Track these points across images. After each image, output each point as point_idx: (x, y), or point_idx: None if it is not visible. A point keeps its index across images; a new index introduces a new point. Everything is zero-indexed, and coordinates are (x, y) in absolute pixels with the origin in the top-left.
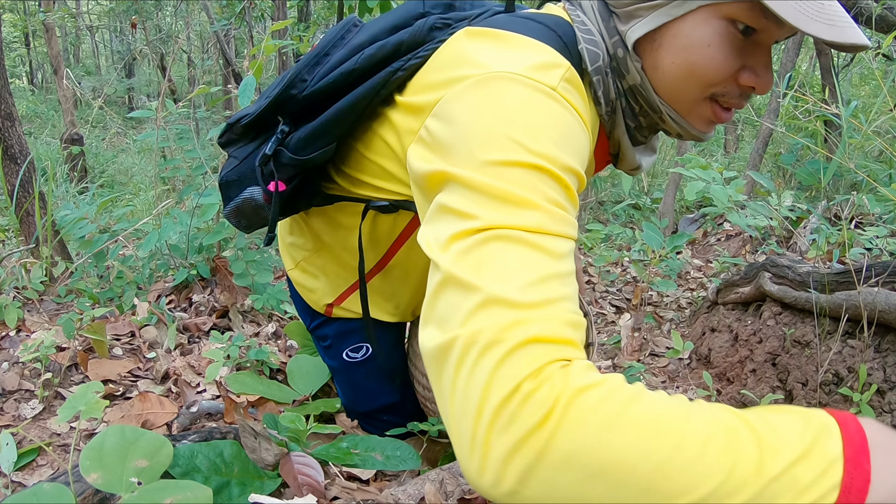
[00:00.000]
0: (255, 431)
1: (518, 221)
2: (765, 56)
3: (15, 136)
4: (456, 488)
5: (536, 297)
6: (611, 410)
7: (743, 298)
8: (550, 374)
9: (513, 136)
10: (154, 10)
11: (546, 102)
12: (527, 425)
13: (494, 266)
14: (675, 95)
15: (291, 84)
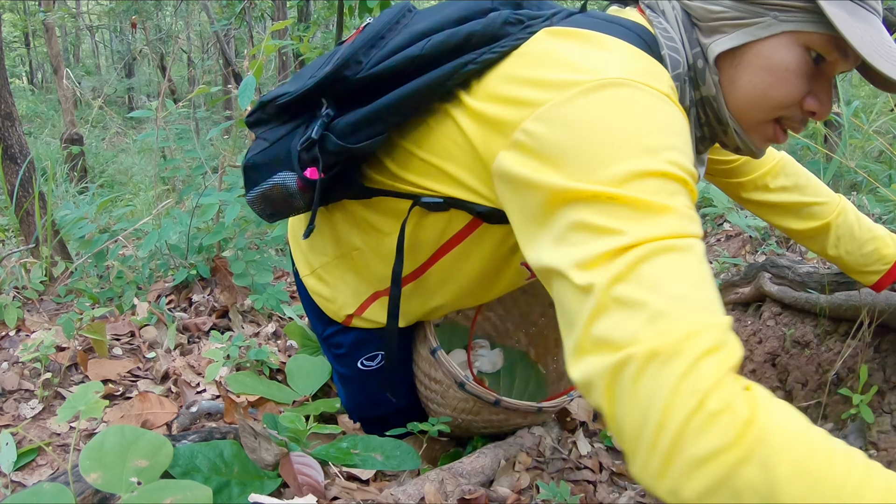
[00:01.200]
0: (255, 431)
1: (664, 231)
2: (828, 84)
3: (15, 136)
4: (456, 488)
5: (699, 306)
6: (797, 457)
7: (743, 299)
8: (733, 392)
9: (644, 144)
10: (154, 10)
11: (666, 108)
12: (715, 444)
13: (654, 280)
14: (744, 112)
15: (345, 64)
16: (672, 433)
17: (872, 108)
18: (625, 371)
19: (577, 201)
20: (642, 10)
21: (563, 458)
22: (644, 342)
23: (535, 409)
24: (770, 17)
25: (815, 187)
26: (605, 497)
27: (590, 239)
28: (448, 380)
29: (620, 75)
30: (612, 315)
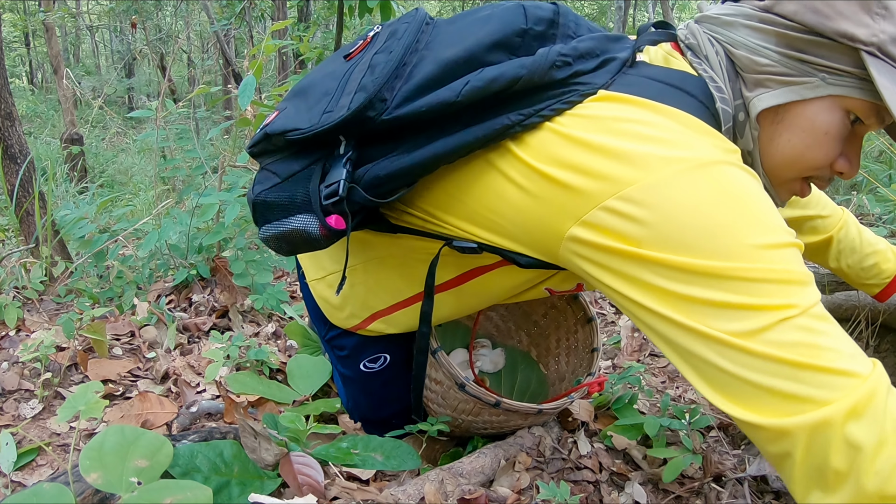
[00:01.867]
0: (255, 431)
1: (813, 298)
2: (858, 145)
3: (15, 136)
4: (456, 488)
5: (864, 360)
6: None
7: None
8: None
9: (764, 220)
10: (154, 10)
11: (757, 183)
12: None
13: (822, 346)
14: (777, 170)
15: (370, 104)
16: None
17: None
18: (828, 428)
19: (716, 278)
20: (681, 50)
21: (563, 458)
22: (840, 403)
23: (535, 411)
24: (818, 78)
25: (818, 199)
26: (605, 497)
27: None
28: (448, 381)
29: (709, 157)
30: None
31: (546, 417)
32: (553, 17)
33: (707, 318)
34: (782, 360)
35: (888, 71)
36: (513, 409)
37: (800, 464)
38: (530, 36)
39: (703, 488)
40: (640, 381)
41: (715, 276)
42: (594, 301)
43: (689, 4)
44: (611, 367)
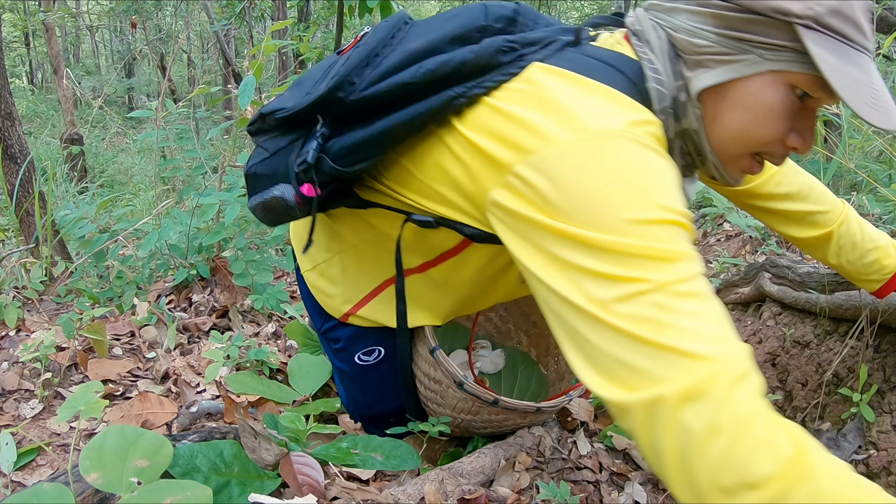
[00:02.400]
0: (255, 431)
1: (676, 275)
2: (811, 120)
3: (15, 136)
4: (456, 488)
5: (724, 344)
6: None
7: (743, 299)
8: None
9: (642, 195)
10: (154, 10)
11: (655, 158)
12: (766, 471)
13: (673, 325)
14: (725, 147)
15: (339, 86)
16: (720, 460)
17: None
18: (657, 411)
19: (577, 244)
20: (628, 37)
21: (563, 458)
22: (671, 384)
23: (533, 409)
24: (755, 54)
25: (819, 194)
26: (605, 497)
27: (597, 282)
28: (447, 379)
29: (609, 128)
30: (632, 353)
31: (545, 416)
32: (513, 16)
33: (577, 284)
34: (627, 333)
35: (827, 42)
36: (511, 408)
37: (642, 442)
38: (490, 32)
39: None
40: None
41: (588, 245)
42: None
43: None
44: None
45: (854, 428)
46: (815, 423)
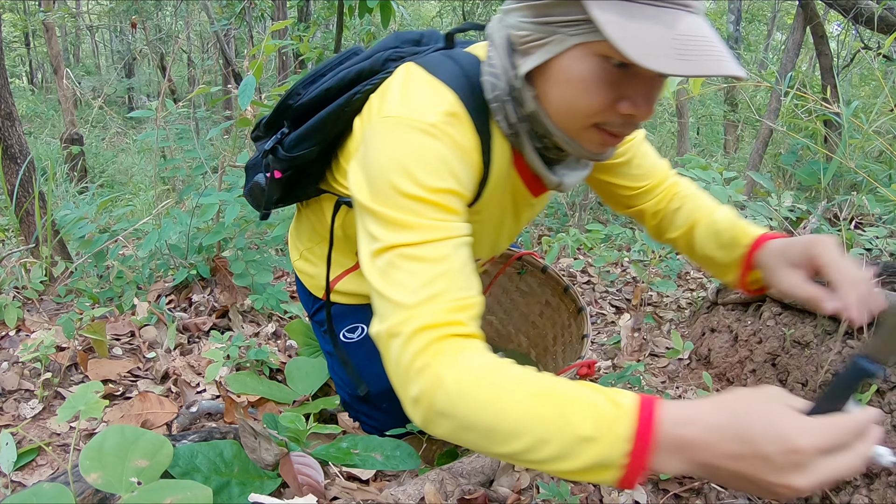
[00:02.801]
0: (255, 431)
1: (409, 240)
2: (644, 86)
3: (15, 136)
4: (456, 488)
5: (422, 297)
6: (455, 389)
7: (743, 299)
8: (435, 352)
9: (399, 175)
10: (154, 10)
11: (423, 140)
12: (420, 389)
13: (393, 279)
14: (563, 123)
15: (289, 96)
16: (401, 388)
17: (872, 108)
18: (378, 342)
19: (362, 208)
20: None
21: None
22: (384, 324)
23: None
24: (561, 34)
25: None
26: (605, 497)
27: (365, 240)
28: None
29: (397, 114)
30: (374, 297)
31: None
32: (418, 38)
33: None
34: (372, 282)
35: (614, 6)
36: None
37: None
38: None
39: (703, 488)
40: (640, 381)
41: (369, 209)
42: (594, 301)
43: None
44: (611, 367)
45: None
46: None
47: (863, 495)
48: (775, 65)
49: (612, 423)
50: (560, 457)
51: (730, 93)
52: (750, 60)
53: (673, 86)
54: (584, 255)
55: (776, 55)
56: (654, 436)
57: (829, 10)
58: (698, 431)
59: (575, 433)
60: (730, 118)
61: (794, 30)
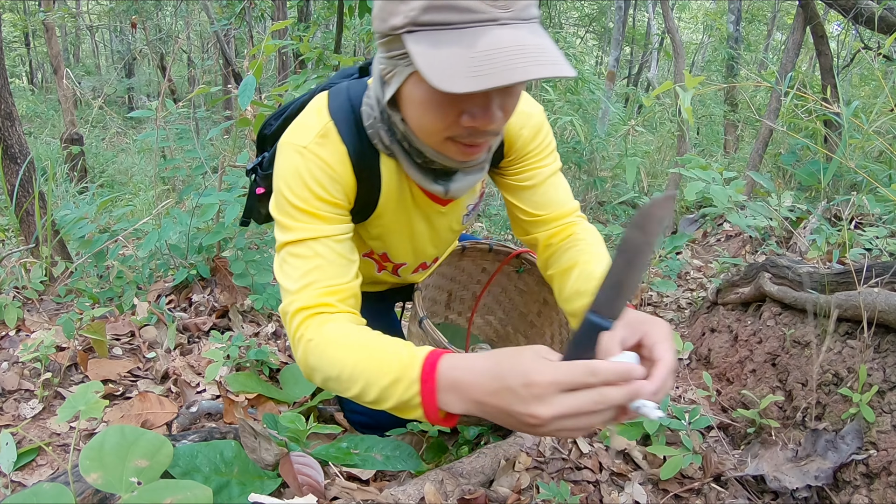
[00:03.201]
0: (255, 431)
1: (291, 239)
2: (479, 100)
3: (15, 136)
4: (456, 488)
5: (301, 285)
6: (317, 350)
7: (743, 299)
8: (307, 325)
9: (284, 188)
10: (154, 10)
11: (297, 159)
12: (299, 355)
13: (284, 271)
14: (425, 139)
15: (264, 126)
16: (293, 346)
17: (872, 108)
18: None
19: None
20: None
21: (563, 458)
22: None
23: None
24: (400, 66)
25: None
26: (605, 497)
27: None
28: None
29: (294, 142)
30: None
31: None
32: (365, 66)
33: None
34: (275, 273)
35: (424, 37)
36: None
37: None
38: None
39: (703, 488)
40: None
41: (273, 216)
42: None
43: (689, 4)
44: None
45: (853, 430)
46: (812, 422)
47: (863, 495)
48: (775, 65)
49: (407, 369)
50: (381, 398)
51: (730, 93)
52: (750, 60)
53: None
54: None
55: (776, 55)
56: (436, 377)
57: (829, 10)
58: (466, 374)
59: (386, 379)
60: (730, 118)
61: (794, 30)
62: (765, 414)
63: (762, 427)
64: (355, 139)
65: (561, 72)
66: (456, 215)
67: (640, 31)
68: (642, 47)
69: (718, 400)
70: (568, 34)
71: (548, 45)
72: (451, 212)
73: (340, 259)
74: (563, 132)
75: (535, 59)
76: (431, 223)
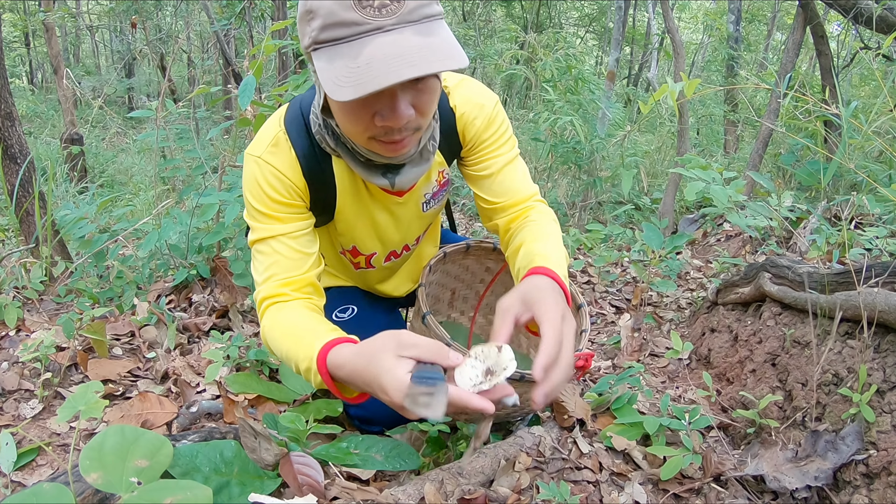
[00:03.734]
0: (255, 431)
1: (253, 238)
2: (386, 100)
3: (15, 136)
4: (456, 488)
5: (264, 278)
6: (267, 333)
7: (743, 299)
8: (266, 313)
9: (246, 193)
10: (154, 10)
11: (254, 167)
12: (263, 335)
13: (253, 265)
14: (354, 140)
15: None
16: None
17: (872, 108)
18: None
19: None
20: None
21: (563, 458)
22: (254, 294)
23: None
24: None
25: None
26: (605, 497)
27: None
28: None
29: (256, 152)
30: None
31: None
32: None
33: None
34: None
35: (325, 52)
36: None
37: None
38: None
39: (703, 488)
40: (640, 381)
41: (245, 212)
42: (594, 301)
43: (689, 4)
44: (611, 367)
45: (853, 431)
46: (813, 423)
47: (863, 495)
48: (775, 65)
49: (312, 361)
50: (307, 378)
51: (730, 93)
52: (750, 60)
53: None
54: (584, 254)
55: (776, 55)
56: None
57: (829, 10)
58: (344, 375)
59: (303, 366)
60: (730, 118)
61: (794, 30)
62: (765, 414)
63: (762, 427)
64: (305, 145)
65: (435, 67)
66: (414, 202)
67: (640, 31)
68: (642, 47)
69: (718, 400)
70: (568, 34)
71: (432, 43)
72: (409, 201)
73: (296, 254)
74: (563, 132)
75: (409, 61)
76: (392, 213)
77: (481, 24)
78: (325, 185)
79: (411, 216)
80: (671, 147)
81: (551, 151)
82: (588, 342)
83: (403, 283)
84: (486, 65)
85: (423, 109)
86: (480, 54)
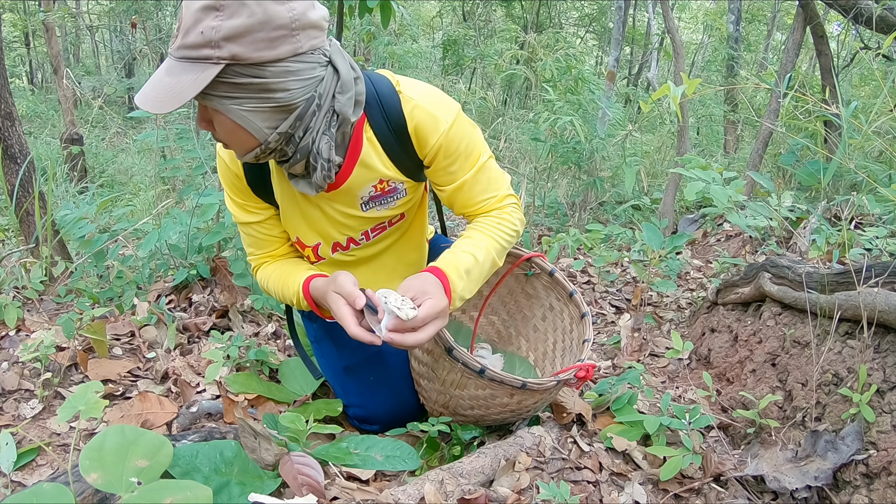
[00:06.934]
0: (255, 431)
1: (235, 221)
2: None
3: (15, 136)
4: (456, 488)
5: (250, 250)
6: (261, 284)
7: (743, 299)
8: (259, 272)
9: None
10: (154, 10)
11: (219, 163)
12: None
13: (243, 240)
14: None
15: None
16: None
17: (872, 108)
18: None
19: None
20: None
21: (563, 458)
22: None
23: (519, 384)
24: None
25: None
26: (605, 497)
27: None
28: (438, 348)
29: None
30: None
31: (532, 397)
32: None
33: None
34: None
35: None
36: (497, 380)
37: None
38: None
39: (703, 488)
40: (640, 381)
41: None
42: (594, 301)
43: (689, 4)
44: (611, 368)
45: (853, 431)
46: (813, 423)
47: (863, 495)
48: (775, 65)
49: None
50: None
51: (730, 93)
52: (750, 60)
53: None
54: (584, 255)
55: (776, 55)
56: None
57: (829, 10)
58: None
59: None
60: (730, 118)
61: (794, 30)
62: (765, 414)
63: (762, 427)
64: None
65: (146, 106)
66: (347, 201)
67: (640, 31)
68: (642, 47)
69: (718, 400)
70: (568, 34)
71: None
72: (337, 198)
73: (268, 238)
74: (563, 132)
75: (146, 93)
76: (321, 208)
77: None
78: (263, 181)
79: (342, 212)
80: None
81: (551, 151)
82: (589, 348)
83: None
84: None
85: (221, 139)
86: (480, 54)
